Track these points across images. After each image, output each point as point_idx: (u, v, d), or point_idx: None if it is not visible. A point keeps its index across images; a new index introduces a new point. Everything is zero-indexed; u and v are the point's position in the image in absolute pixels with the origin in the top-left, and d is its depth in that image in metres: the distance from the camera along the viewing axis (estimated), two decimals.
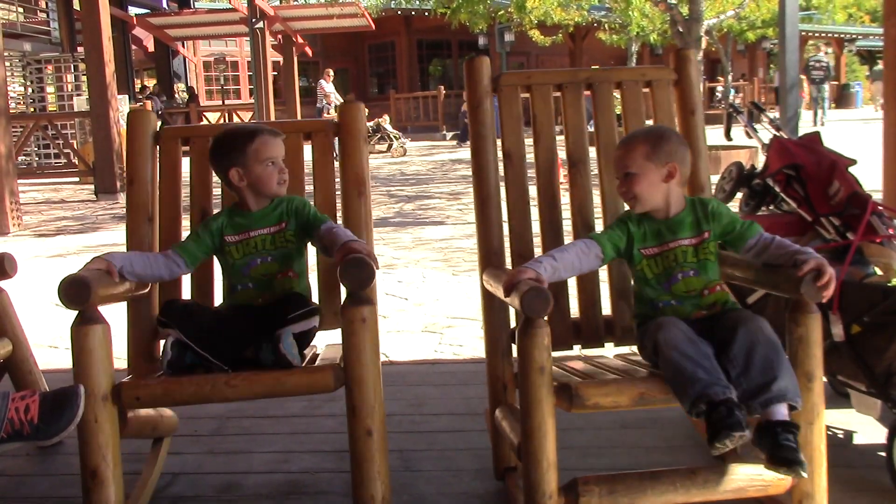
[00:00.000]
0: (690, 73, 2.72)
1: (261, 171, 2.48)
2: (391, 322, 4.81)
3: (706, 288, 2.25)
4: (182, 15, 22.77)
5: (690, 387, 1.96)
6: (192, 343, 2.32)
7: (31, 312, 4.88)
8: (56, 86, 16.04)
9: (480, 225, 2.58)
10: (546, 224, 2.62)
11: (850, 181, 2.84)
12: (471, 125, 2.63)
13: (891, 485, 2.41)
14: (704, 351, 2.04)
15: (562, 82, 2.71)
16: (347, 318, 2.20)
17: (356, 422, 2.19)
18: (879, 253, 2.71)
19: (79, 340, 2.17)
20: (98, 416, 2.16)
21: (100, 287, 2.19)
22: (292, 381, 2.24)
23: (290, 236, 2.53)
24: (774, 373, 1.98)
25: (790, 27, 8.70)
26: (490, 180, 2.57)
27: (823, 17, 28.91)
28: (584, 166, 2.66)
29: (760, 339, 2.03)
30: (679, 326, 2.09)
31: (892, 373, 2.42)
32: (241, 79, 27.33)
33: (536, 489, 1.99)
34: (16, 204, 9.42)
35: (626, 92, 2.72)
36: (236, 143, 2.51)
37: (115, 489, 2.16)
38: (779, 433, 1.93)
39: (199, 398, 2.26)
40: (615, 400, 2.03)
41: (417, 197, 10.97)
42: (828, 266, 2.02)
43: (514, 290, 2.02)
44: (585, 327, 2.60)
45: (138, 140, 2.70)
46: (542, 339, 1.97)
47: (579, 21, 23.15)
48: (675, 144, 2.29)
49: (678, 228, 2.28)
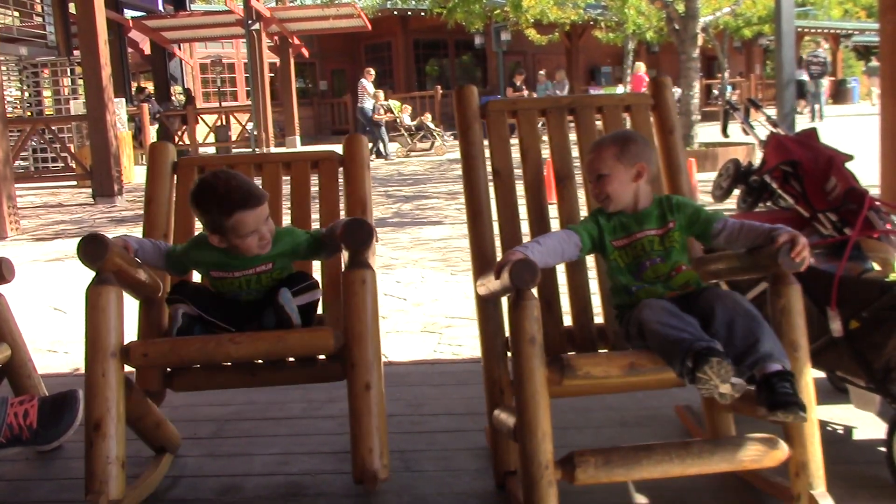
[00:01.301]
0: (667, 98, 2.87)
1: (239, 243, 2.47)
2: (390, 322, 4.81)
3: (672, 269, 2.36)
4: (178, 17, 22.76)
5: (677, 347, 2.04)
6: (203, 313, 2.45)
7: (29, 317, 4.88)
8: (53, 89, 16.07)
9: (473, 237, 2.68)
10: (536, 234, 2.71)
11: (847, 177, 2.84)
12: (461, 147, 2.77)
13: (890, 480, 2.41)
14: (688, 320, 2.13)
15: (546, 108, 2.87)
16: (348, 280, 2.37)
17: (355, 376, 2.32)
18: (877, 248, 2.72)
19: (93, 299, 2.28)
20: (106, 372, 2.25)
21: (117, 250, 2.30)
22: (294, 339, 2.37)
23: (276, 274, 2.57)
24: (756, 336, 2.08)
25: (786, 23, 8.72)
26: (481, 196, 2.69)
27: (819, 12, 28.95)
28: (570, 182, 2.79)
29: (739, 311, 2.14)
30: (660, 302, 2.21)
31: (890, 368, 2.42)
32: (238, 80, 27.31)
33: (532, 459, 2.03)
34: (13, 208, 9.42)
35: (606, 116, 2.87)
36: (213, 213, 2.44)
37: (116, 443, 2.23)
38: (775, 382, 2.03)
39: (205, 355, 2.34)
40: (606, 370, 2.10)
41: (415, 197, 10.97)
42: (801, 236, 2.14)
43: (503, 269, 2.12)
44: (578, 335, 2.67)
45: (158, 167, 2.91)
46: (532, 311, 2.06)
47: (575, 19, 23.15)
48: (641, 146, 2.44)
49: (644, 220, 2.41)
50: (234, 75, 27.48)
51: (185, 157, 3.02)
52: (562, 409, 2.67)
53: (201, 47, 26.76)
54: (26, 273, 6.74)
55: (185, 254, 2.59)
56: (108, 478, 2.21)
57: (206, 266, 2.57)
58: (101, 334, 2.26)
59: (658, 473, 2.07)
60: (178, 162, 2.96)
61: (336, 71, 30.29)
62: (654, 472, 2.07)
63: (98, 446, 2.21)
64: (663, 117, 2.85)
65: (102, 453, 2.21)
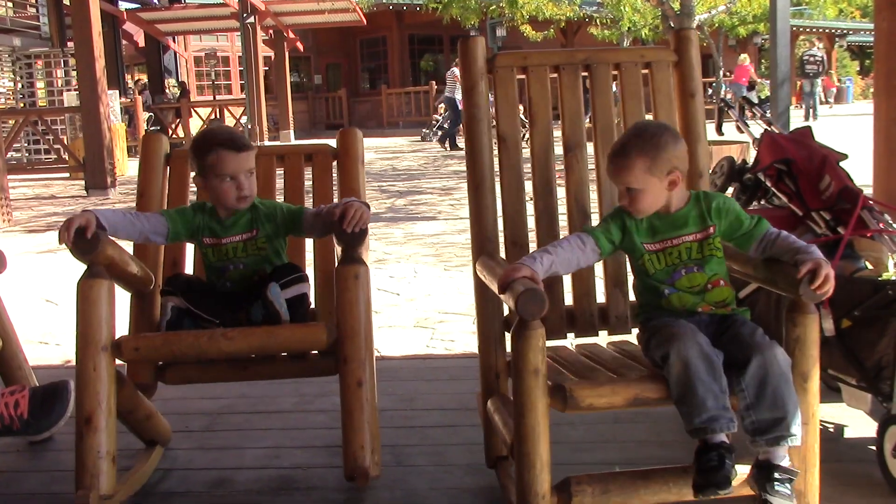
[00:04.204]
0: (691, 55, 2.63)
1: (216, 185, 2.48)
2: (383, 317, 4.81)
3: (709, 282, 2.20)
4: (172, 10, 22.67)
5: (696, 411, 1.96)
6: (193, 307, 2.44)
7: (20, 308, 4.86)
8: (46, 81, 15.98)
9: (474, 210, 2.53)
10: (541, 210, 2.58)
11: (842, 176, 2.84)
12: (465, 108, 2.57)
13: (881, 478, 2.42)
14: (717, 367, 2.01)
15: (559, 63, 2.63)
16: (341, 276, 2.35)
17: (347, 372, 2.30)
18: (870, 247, 2.72)
19: (84, 292, 2.27)
20: (97, 365, 2.24)
21: (109, 245, 2.28)
22: (286, 334, 2.36)
23: (261, 243, 2.55)
24: (783, 411, 1.98)
25: (781, 22, 8.72)
26: (484, 164, 2.51)
27: (814, 12, 28.97)
28: (580, 151, 2.60)
29: (773, 371, 2.00)
30: (696, 339, 2.03)
31: (882, 367, 2.42)
32: (233, 74, 27.23)
33: (529, 490, 1.98)
34: (6, 199, 9.37)
35: (624, 74, 2.64)
36: (197, 153, 2.52)
37: (107, 437, 2.22)
38: (777, 479, 1.97)
39: (197, 350, 2.33)
40: (609, 401, 2.03)
41: (409, 192, 10.96)
42: (825, 266, 1.99)
43: (508, 290, 1.98)
44: (579, 316, 2.57)
45: (151, 159, 2.87)
46: (538, 342, 1.94)
47: (571, 16, 23.17)
48: (672, 149, 2.18)
49: (681, 224, 2.22)
50: (229, 68, 27.40)
51: (178, 149, 3.00)
52: None
53: (196, 40, 26.67)
54: (18, 265, 6.72)
55: (181, 211, 2.59)
56: (98, 472, 2.20)
57: (198, 231, 2.55)
58: (92, 328, 2.25)
59: (655, 501, 2.05)
60: (170, 154, 2.93)
61: (331, 65, 30.22)
62: (651, 501, 2.04)
63: (89, 440, 2.20)
64: (686, 77, 2.62)
65: (93, 447, 2.20)
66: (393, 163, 15.81)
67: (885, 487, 2.40)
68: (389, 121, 26.68)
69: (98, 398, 2.22)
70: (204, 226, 2.55)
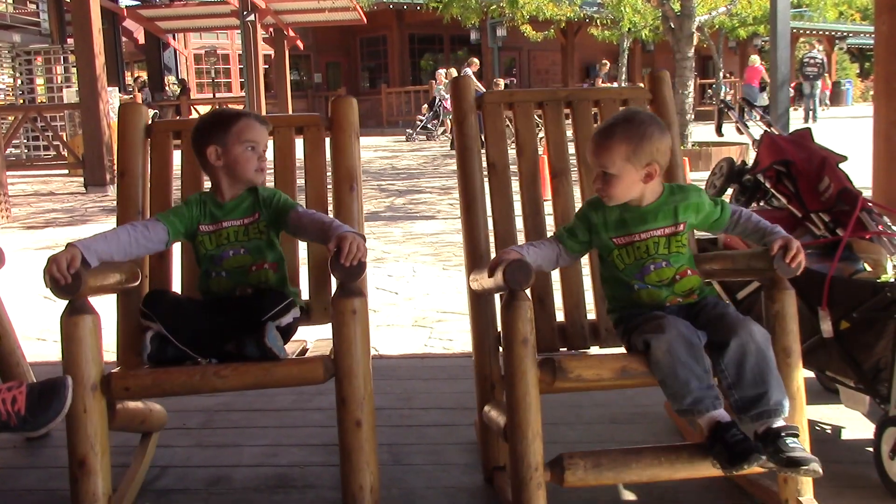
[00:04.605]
0: (664, 94, 2.82)
1: (239, 153, 2.44)
2: (381, 316, 4.81)
3: (677, 273, 2.25)
4: (173, 7, 22.62)
5: (680, 394, 2.04)
6: (173, 337, 2.31)
7: (18, 304, 4.86)
8: (45, 77, 15.94)
9: (466, 228, 2.65)
10: (530, 230, 2.70)
11: (841, 177, 2.84)
12: (457, 138, 2.73)
13: (878, 480, 2.42)
14: (697, 348, 2.06)
15: (542, 100, 2.82)
16: (338, 310, 2.21)
17: (346, 413, 2.19)
18: (869, 249, 2.72)
19: (68, 330, 2.16)
20: (87, 406, 2.16)
21: (91, 277, 2.17)
22: (282, 372, 2.24)
23: (262, 227, 2.49)
24: (765, 385, 2.04)
25: (781, 24, 8.73)
26: (476, 187, 2.65)
27: (815, 14, 28.97)
28: (565, 177, 2.75)
29: (750, 349, 2.06)
30: (675, 324, 2.09)
31: (880, 368, 2.43)
32: (233, 72, 27.24)
33: (522, 460, 2.02)
34: (4, 196, 9.36)
35: (603, 109, 2.82)
36: (220, 121, 2.49)
37: (102, 480, 2.16)
38: (784, 439, 1.98)
39: (189, 388, 2.25)
40: (597, 372, 2.10)
41: (408, 191, 10.95)
42: (793, 240, 2.13)
43: (497, 268, 2.08)
44: (570, 331, 2.66)
45: (130, 133, 2.71)
46: (525, 312, 2.04)
47: (571, 16, 23.16)
48: (656, 141, 2.21)
49: (651, 218, 2.26)
50: (229, 66, 27.41)
51: (160, 122, 2.79)
52: (552, 406, 2.68)
53: (196, 38, 26.67)
54: (17, 261, 6.71)
55: (176, 211, 2.49)
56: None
57: (195, 223, 2.47)
58: (79, 367, 2.16)
59: (647, 477, 2.07)
60: (150, 126, 2.75)
61: (331, 63, 30.22)
62: (643, 476, 2.06)
63: (83, 485, 2.14)
64: (661, 113, 2.75)
65: (89, 491, 2.14)
66: (392, 162, 15.81)
67: (881, 489, 2.40)
68: (389, 120, 26.67)
69: (90, 442, 2.14)
70: (201, 214, 2.48)
